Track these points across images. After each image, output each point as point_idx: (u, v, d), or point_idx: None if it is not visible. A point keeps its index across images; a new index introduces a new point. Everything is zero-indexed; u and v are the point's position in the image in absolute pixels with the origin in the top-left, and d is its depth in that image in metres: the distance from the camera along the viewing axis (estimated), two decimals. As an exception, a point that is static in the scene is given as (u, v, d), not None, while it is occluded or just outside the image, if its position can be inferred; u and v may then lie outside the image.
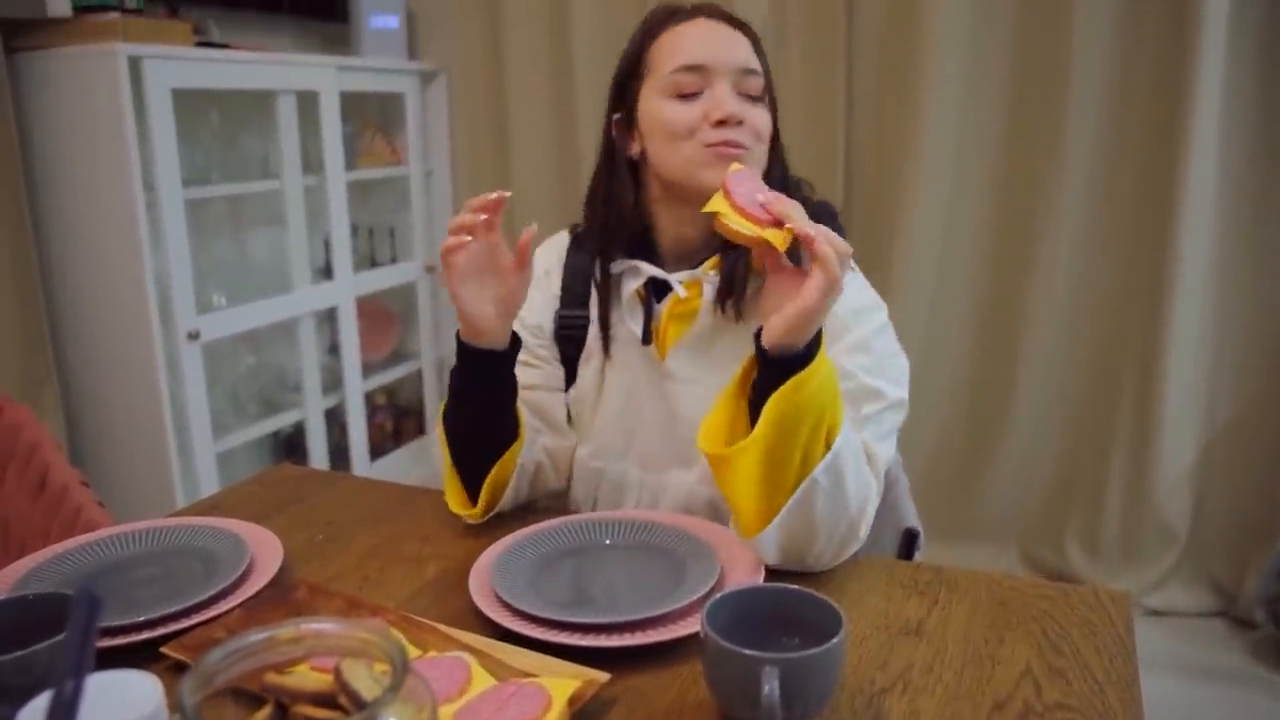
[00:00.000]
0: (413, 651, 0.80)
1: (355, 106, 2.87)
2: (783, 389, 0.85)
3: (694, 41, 1.07)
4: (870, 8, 2.44)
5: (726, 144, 1.03)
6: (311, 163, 2.62)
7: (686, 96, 1.06)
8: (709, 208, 0.89)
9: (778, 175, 1.11)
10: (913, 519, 1.29)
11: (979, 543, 2.57)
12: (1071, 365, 2.44)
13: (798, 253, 0.88)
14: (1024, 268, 2.43)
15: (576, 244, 1.22)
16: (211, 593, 0.89)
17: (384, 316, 3.10)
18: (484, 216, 1.00)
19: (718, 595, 0.73)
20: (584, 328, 1.18)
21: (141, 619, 0.85)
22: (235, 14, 2.64)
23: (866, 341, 1.04)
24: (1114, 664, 0.79)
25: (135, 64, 2.06)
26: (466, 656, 0.79)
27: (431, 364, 3.14)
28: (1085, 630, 0.84)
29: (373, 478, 1.34)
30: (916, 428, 2.51)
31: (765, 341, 0.87)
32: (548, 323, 1.20)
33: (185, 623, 0.86)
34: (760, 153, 1.07)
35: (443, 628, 0.84)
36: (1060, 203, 2.35)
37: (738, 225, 0.87)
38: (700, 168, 1.04)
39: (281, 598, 0.90)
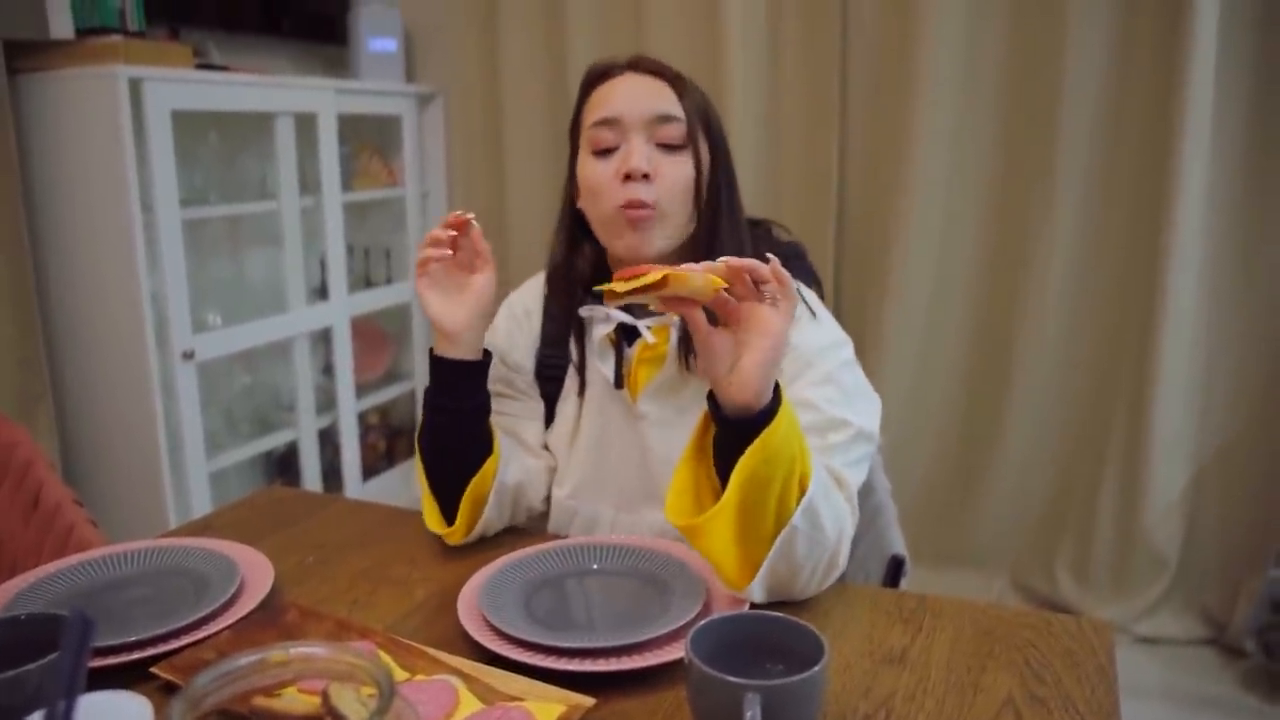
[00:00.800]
0: (400, 675, 0.81)
1: (352, 128, 2.89)
2: (752, 447, 0.84)
3: (611, 96, 1.10)
4: (864, 18, 2.47)
5: (631, 205, 1.05)
6: (308, 184, 2.63)
7: (605, 153, 1.09)
8: (655, 278, 0.81)
9: (725, 218, 1.11)
10: (899, 547, 1.30)
11: (970, 569, 2.57)
12: (1063, 391, 2.45)
13: (710, 312, 0.87)
14: (1017, 291, 2.44)
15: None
16: (202, 614, 0.90)
17: (378, 337, 3.12)
18: (454, 233, 1.04)
19: (702, 622, 0.74)
20: (564, 368, 1.20)
21: (132, 639, 0.85)
22: (235, 37, 2.68)
23: (832, 375, 1.06)
24: (1095, 694, 0.80)
25: (135, 86, 2.08)
26: (454, 680, 0.80)
27: (425, 385, 3.13)
28: (1067, 660, 0.85)
29: (365, 498, 1.36)
30: (908, 453, 2.56)
31: (732, 401, 0.86)
32: (529, 362, 1.22)
33: (175, 644, 0.86)
34: (675, 206, 1.08)
35: (431, 651, 0.84)
36: (1053, 228, 2.37)
37: (687, 277, 0.81)
38: (612, 231, 1.10)
39: (271, 620, 0.91)
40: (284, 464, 2.82)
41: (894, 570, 1.28)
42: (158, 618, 0.90)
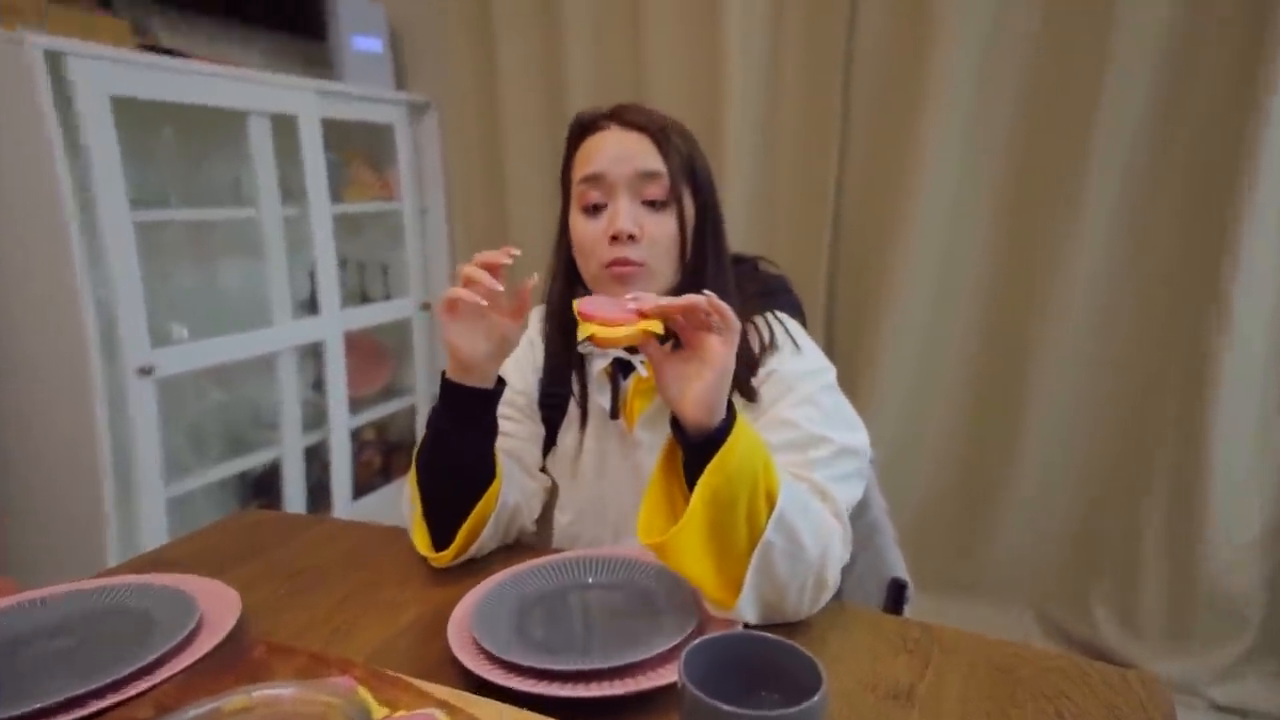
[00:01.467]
0: (379, 711, 0.78)
1: (340, 135, 2.88)
2: (710, 465, 0.90)
3: (595, 152, 1.18)
4: (873, 20, 2.43)
5: (617, 263, 1.15)
6: (292, 191, 2.61)
7: (593, 210, 1.18)
8: (582, 336, 0.94)
9: (711, 263, 1.20)
10: (900, 569, 1.31)
11: (984, 601, 2.48)
12: (1092, 405, 2.33)
13: (672, 335, 0.97)
14: (1033, 296, 2.35)
15: None
16: (143, 663, 0.85)
17: (376, 352, 3.14)
18: (499, 288, 1.05)
19: (695, 642, 0.76)
20: (566, 399, 1.28)
21: (41, 705, 0.78)
22: (188, 18, 2.60)
23: (812, 397, 1.13)
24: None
25: (56, 60, 1.97)
26: (438, 714, 0.77)
27: (426, 399, 3.20)
28: (1111, 716, 0.80)
29: (356, 517, 1.33)
30: (909, 471, 2.50)
31: (687, 420, 0.93)
32: (533, 389, 1.31)
33: (106, 701, 0.80)
34: (661, 262, 1.17)
35: (416, 682, 0.82)
36: (1081, 227, 2.26)
37: (612, 334, 0.93)
38: (602, 285, 1.19)
39: (233, 661, 0.87)
40: (261, 485, 2.79)
41: (895, 594, 1.28)
42: (83, 674, 0.83)
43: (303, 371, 2.74)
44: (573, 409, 1.28)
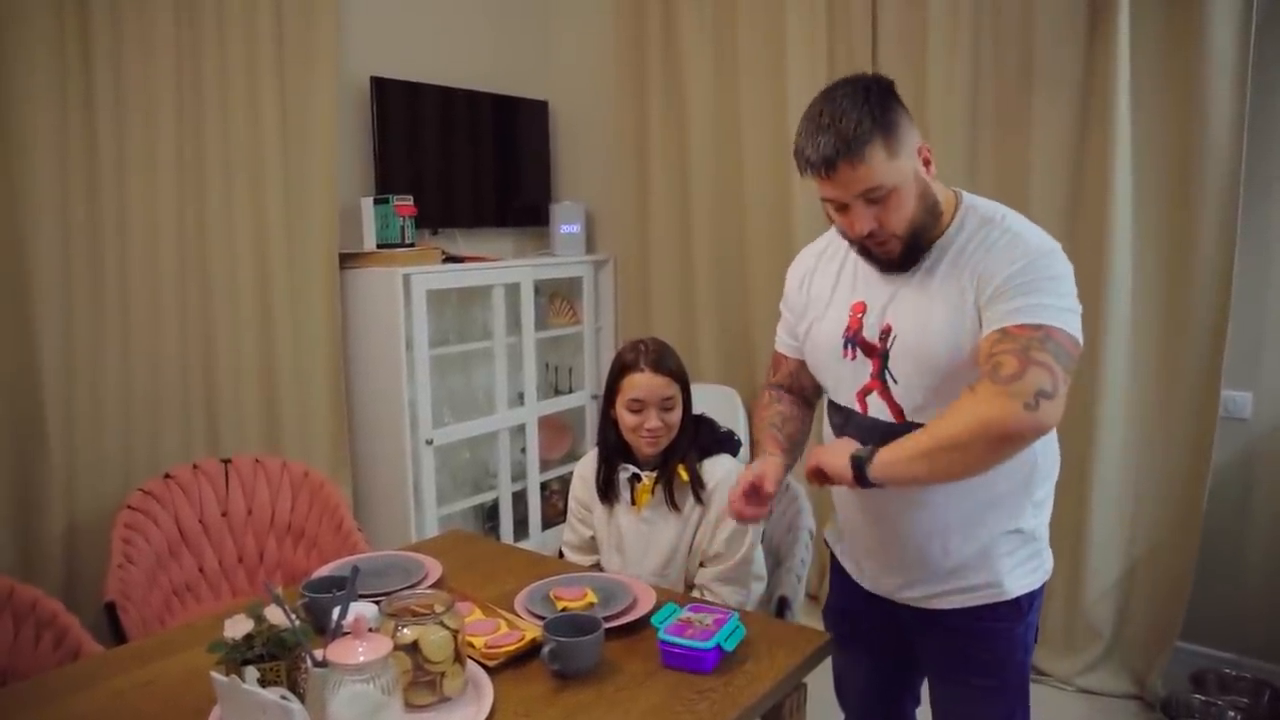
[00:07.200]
0: (477, 614, 1.73)
1: (550, 285, 3.95)
2: None
3: (639, 386, 1.96)
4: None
5: (648, 438, 1.96)
6: (513, 327, 3.66)
7: (636, 411, 1.97)
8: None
9: (689, 427, 2.01)
10: (787, 589, 2.09)
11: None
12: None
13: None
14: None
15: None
16: (409, 583, 1.85)
17: (561, 428, 4.12)
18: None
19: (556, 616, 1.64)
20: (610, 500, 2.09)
21: (375, 591, 1.82)
22: (476, 230, 3.81)
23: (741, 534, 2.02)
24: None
25: (406, 278, 3.17)
26: (499, 620, 1.71)
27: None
28: (770, 644, 1.65)
29: (543, 540, 2.35)
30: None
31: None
32: (593, 502, 2.12)
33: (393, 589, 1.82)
34: (671, 436, 1.98)
35: (495, 608, 1.76)
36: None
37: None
38: (639, 445, 1.99)
39: (434, 587, 1.86)
40: (490, 514, 3.81)
41: (779, 607, 2.06)
42: (391, 582, 1.85)
43: (514, 442, 3.75)
44: (611, 504, 2.05)
